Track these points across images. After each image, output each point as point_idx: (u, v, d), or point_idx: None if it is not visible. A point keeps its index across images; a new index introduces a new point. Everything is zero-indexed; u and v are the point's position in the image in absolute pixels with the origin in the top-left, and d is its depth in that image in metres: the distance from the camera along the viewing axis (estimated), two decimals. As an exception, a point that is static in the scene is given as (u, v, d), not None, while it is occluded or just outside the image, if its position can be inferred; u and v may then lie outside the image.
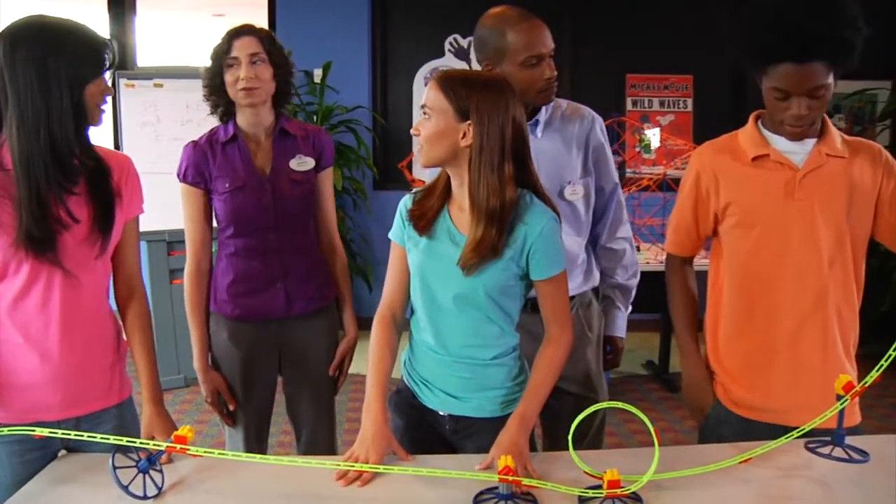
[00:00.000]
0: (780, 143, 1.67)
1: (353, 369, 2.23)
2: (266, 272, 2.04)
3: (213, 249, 2.11)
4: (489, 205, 1.46)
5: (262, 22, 5.22)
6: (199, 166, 2.01)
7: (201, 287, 2.06)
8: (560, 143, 1.97)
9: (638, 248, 4.13)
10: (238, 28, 1.99)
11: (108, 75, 1.49)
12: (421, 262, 1.57)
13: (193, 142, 2.05)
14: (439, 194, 1.57)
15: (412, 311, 1.65)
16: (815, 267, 1.65)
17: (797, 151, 1.66)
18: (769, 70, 1.57)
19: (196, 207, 2.04)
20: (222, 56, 1.96)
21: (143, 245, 3.94)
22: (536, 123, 1.95)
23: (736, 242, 1.72)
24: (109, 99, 1.54)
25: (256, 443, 2.13)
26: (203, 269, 2.07)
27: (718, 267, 1.79)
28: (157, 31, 8.00)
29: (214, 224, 2.09)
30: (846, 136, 1.71)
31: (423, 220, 1.56)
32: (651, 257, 4.07)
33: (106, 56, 1.48)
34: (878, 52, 5.68)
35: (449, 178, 1.56)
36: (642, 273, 4.09)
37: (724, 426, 1.74)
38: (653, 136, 4.90)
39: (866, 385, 1.44)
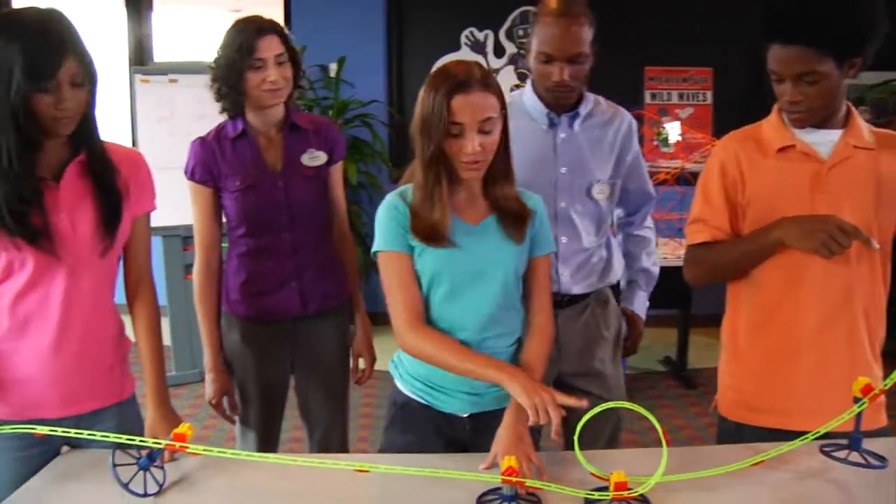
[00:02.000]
0: (805, 134, 1.62)
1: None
2: (280, 272, 2.00)
3: (224, 246, 2.08)
4: (510, 173, 1.54)
5: (277, 16, 5.21)
6: (208, 164, 1.95)
7: (212, 287, 2.02)
8: (593, 142, 1.93)
9: (656, 243, 4.08)
10: (260, 26, 1.88)
11: (67, 82, 1.36)
12: (443, 267, 1.53)
13: (201, 138, 1.99)
14: (442, 200, 1.50)
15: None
16: (841, 262, 1.58)
17: (823, 143, 1.61)
18: (768, 53, 1.55)
19: (205, 206, 1.98)
20: (246, 56, 1.86)
21: (158, 240, 3.96)
22: (577, 115, 1.91)
23: None
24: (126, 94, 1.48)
25: (268, 443, 2.10)
26: (214, 269, 2.02)
27: None
28: (174, 26, 8.05)
29: (223, 221, 2.05)
30: (874, 129, 1.65)
31: (438, 233, 1.50)
32: (668, 252, 4.01)
33: (55, 57, 1.34)
34: (902, 42, 5.52)
35: (445, 182, 1.50)
36: (661, 268, 4.07)
37: (743, 438, 1.66)
38: (672, 129, 4.83)
39: (886, 388, 1.39)
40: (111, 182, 1.52)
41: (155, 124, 4.13)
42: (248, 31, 1.88)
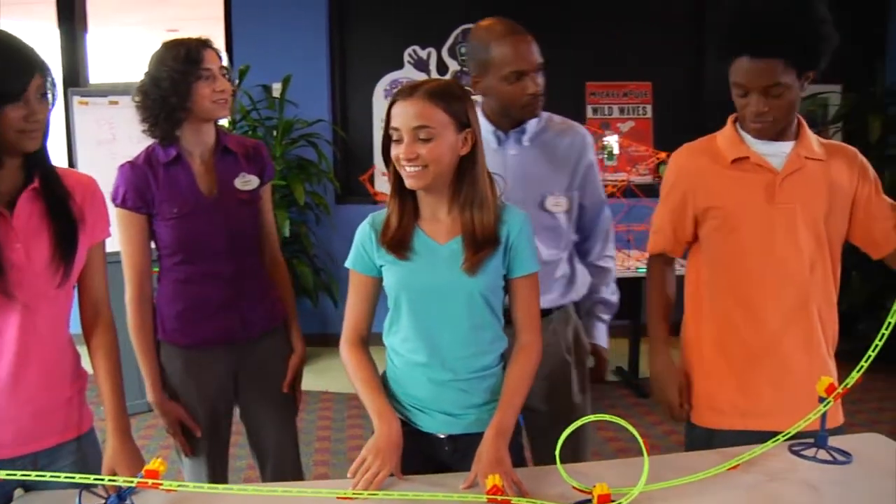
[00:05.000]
0: (758, 145, 1.67)
1: (317, 386, 2.17)
2: (220, 297, 1.95)
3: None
4: (483, 197, 1.51)
5: (219, 36, 5.13)
6: (141, 189, 1.88)
7: (147, 315, 1.95)
8: (546, 155, 1.95)
9: (605, 255, 4.14)
10: (197, 40, 1.89)
11: (35, 96, 1.33)
12: (409, 282, 1.53)
13: (130, 163, 1.92)
14: (409, 214, 1.54)
15: (388, 335, 1.61)
16: (797, 269, 1.66)
17: (776, 154, 1.67)
18: (732, 66, 1.59)
19: (136, 233, 1.92)
20: (193, 65, 1.84)
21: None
22: (523, 132, 1.94)
23: (717, 246, 1.72)
24: (59, 117, 1.44)
25: (221, 473, 2.05)
26: (147, 297, 1.96)
27: (698, 273, 1.79)
28: (110, 48, 7.86)
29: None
30: (822, 140, 1.73)
31: (402, 244, 1.52)
32: (618, 263, 4.07)
33: (25, 72, 1.32)
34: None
35: (414, 196, 1.53)
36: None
37: (714, 443, 1.70)
38: (612, 142, 4.93)
39: (848, 387, 1.44)
40: (67, 209, 1.46)
41: (95, 147, 4.01)
42: (190, 44, 1.87)
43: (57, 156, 1.33)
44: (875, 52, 5.27)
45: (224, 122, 4.92)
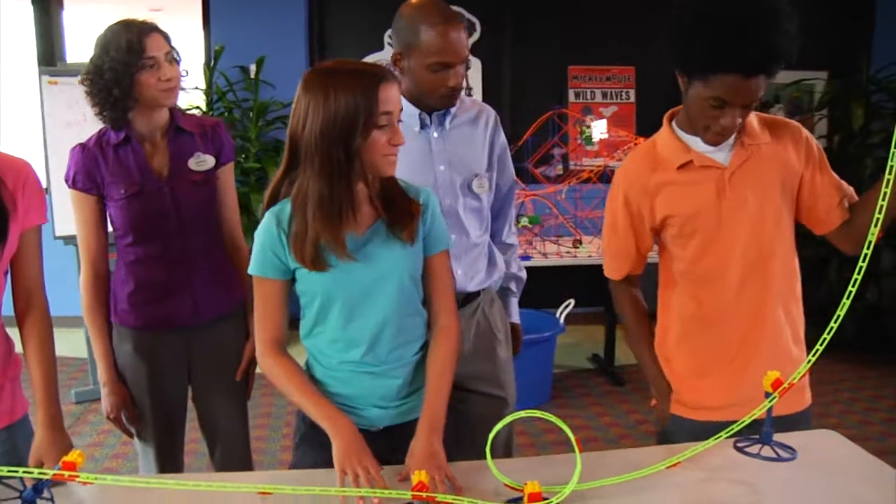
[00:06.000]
0: (699, 144, 1.62)
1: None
2: (171, 280, 1.94)
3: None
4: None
5: (196, 16, 5.05)
6: (90, 171, 1.88)
7: (101, 296, 1.95)
8: (467, 137, 1.94)
9: (580, 242, 4.11)
10: (141, 25, 1.85)
11: None
12: (333, 287, 1.47)
13: (81, 144, 1.91)
14: (348, 218, 1.42)
15: (309, 338, 1.56)
16: (758, 263, 1.62)
17: (720, 149, 1.62)
18: (711, 79, 1.49)
19: (90, 214, 1.91)
20: (135, 55, 1.81)
21: (72, 250, 3.78)
22: (447, 114, 1.90)
23: (679, 250, 1.69)
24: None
25: (171, 459, 2.03)
26: (102, 278, 1.95)
27: (669, 270, 1.74)
28: (92, 27, 7.74)
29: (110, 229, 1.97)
30: (763, 115, 1.68)
31: (328, 258, 1.43)
32: (593, 250, 4.04)
33: None
34: (814, 43, 5.77)
35: (355, 193, 1.44)
36: (586, 266, 4.10)
37: (680, 434, 1.68)
38: (597, 127, 4.87)
39: (794, 382, 1.41)
40: None
41: (64, 128, 3.95)
42: (133, 31, 1.83)
43: (31, 137, 1.30)
44: (861, 40, 5.23)
45: (201, 104, 4.90)
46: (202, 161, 1.96)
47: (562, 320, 3.96)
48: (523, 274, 2.19)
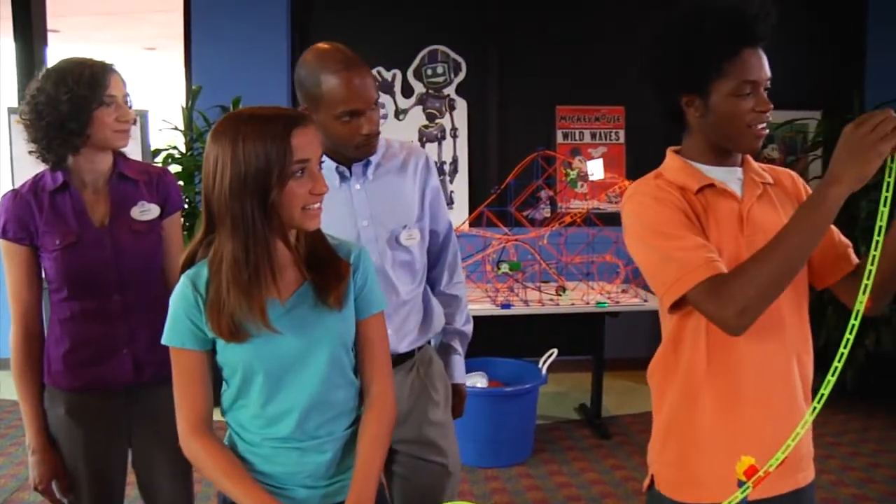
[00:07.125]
0: (714, 171, 1.47)
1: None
2: (110, 338, 1.81)
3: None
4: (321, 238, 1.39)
5: (178, 54, 4.99)
6: (23, 219, 1.76)
7: (32, 355, 1.81)
8: (393, 187, 1.81)
9: (564, 289, 3.96)
10: (103, 62, 1.78)
11: None
12: (255, 359, 1.34)
13: (14, 191, 1.79)
14: (267, 282, 1.29)
15: (231, 412, 1.42)
16: (775, 324, 1.42)
17: (731, 180, 1.48)
18: (727, 67, 1.38)
19: (21, 266, 1.79)
20: (99, 89, 1.73)
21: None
22: (367, 164, 1.78)
23: None
24: None
25: None
26: (34, 336, 1.82)
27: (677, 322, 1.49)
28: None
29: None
30: (760, 164, 1.56)
31: (250, 330, 1.30)
32: (577, 298, 3.89)
33: None
34: (808, 82, 5.66)
35: (274, 253, 1.31)
36: (571, 315, 3.95)
37: None
38: (592, 167, 4.71)
39: (770, 470, 1.25)
40: None
41: (34, 169, 3.84)
42: (97, 66, 1.75)
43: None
44: (853, 80, 5.15)
45: (179, 145, 4.81)
46: (146, 210, 1.86)
47: (544, 371, 3.80)
48: (468, 329, 2.03)
